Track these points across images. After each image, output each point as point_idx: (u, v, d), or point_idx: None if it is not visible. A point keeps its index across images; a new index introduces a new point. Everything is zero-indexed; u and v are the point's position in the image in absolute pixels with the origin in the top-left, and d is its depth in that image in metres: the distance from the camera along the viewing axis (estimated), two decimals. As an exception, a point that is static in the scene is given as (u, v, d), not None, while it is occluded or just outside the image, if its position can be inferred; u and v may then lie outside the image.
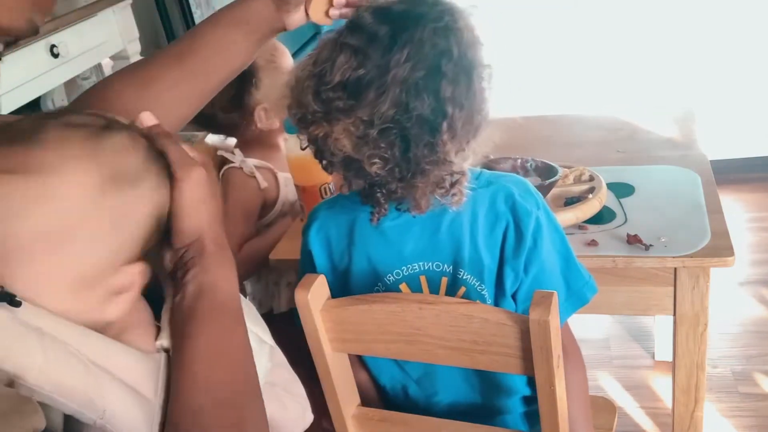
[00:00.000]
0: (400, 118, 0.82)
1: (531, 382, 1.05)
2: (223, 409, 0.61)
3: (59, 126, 0.60)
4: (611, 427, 1.23)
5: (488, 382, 1.04)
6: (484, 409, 1.06)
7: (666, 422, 1.71)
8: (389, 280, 0.98)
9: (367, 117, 0.82)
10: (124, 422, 0.57)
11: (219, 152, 1.50)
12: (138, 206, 0.62)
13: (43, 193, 0.56)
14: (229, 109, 1.43)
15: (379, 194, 0.90)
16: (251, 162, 1.46)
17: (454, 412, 1.07)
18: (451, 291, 0.96)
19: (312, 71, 0.85)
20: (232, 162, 1.45)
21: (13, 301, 0.54)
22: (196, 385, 0.60)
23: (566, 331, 1.00)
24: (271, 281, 1.51)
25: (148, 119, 0.67)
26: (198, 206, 0.65)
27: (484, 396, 1.06)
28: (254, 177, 1.45)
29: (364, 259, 0.98)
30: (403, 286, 0.97)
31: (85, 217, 0.58)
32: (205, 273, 0.64)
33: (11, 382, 0.52)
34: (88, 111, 0.65)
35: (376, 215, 0.93)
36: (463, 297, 0.95)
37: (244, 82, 1.41)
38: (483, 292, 0.95)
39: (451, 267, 0.95)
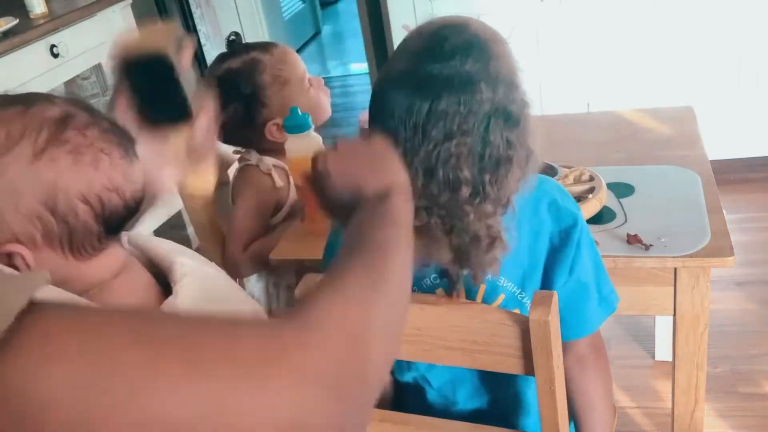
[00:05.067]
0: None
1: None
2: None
3: None
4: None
5: (508, 399, 1.02)
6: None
7: (666, 422, 1.70)
8: (425, 284, 0.96)
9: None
10: None
11: (234, 150, 1.51)
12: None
13: None
14: (242, 126, 1.45)
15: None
16: (269, 160, 1.47)
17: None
18: (489, 299, 0.95)
19: None
20: (249, 160, 1.47)
21: None
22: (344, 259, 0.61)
23: (598, 336, 1.00)
24: (271, 282, 1.51)
25: None
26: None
27: (503, 411, 1.04)
28: (270, 175, 1.46)
29: None
30: (439, 292, 0.96)
31: None
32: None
33: None
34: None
35: None
36: (501, 305, 0.94)
37: (252, 102, 1.42)
38: (524, 300, 0.94)
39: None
